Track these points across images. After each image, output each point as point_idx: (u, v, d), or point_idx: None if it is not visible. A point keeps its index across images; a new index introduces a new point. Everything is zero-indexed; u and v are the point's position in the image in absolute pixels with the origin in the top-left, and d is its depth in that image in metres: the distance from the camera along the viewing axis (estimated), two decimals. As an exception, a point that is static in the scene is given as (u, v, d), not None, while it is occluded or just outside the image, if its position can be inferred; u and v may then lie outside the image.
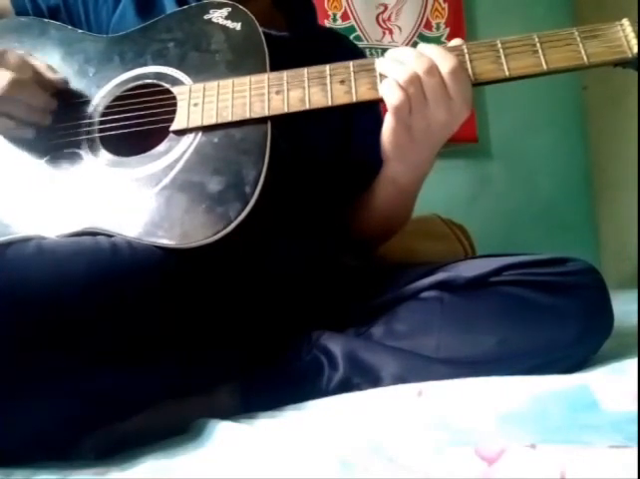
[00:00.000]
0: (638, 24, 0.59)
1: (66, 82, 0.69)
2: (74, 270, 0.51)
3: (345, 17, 1.86)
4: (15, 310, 0.47)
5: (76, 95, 0.69)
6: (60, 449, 0.52)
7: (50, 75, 0.67)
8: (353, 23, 1.86)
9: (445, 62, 0.58)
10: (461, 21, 1.96)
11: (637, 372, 0.51)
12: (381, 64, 0.61)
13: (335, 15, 1.85)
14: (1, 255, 0.50)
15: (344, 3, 1.85)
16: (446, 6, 1.94)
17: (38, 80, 0.65)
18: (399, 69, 0.58)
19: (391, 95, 0.58)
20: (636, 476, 0.32)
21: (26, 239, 0.53)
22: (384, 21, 1.90)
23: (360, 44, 1.72)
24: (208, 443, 0.48)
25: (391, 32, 1.90)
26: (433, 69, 0.58)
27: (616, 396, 0.44)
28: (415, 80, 0.57)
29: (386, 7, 1.90)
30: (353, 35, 1.82)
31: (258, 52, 0.66)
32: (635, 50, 0.58)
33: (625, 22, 0.59)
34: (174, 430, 0.55)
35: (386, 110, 0.61)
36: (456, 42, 0.62)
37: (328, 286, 0.75)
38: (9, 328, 0.46)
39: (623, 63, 0.60)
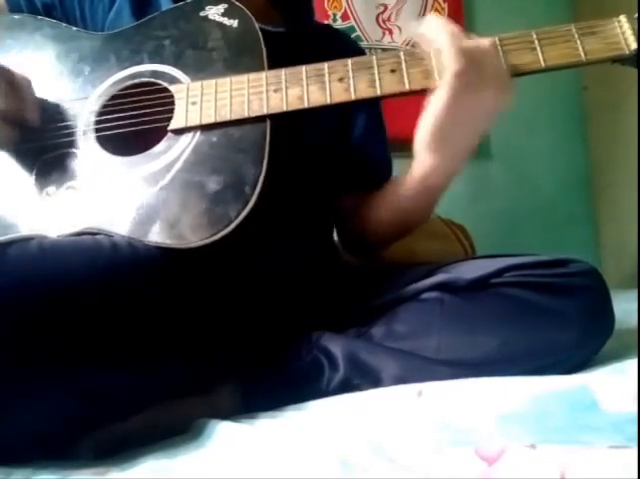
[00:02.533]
0: (638, 21, 0.59)
1: (38, 121, 0.66)
2: (75, 270, 0.51)
3: (345, 17, 1.86)
4: (16, 309, 0.47)
5: (72, 94, 0.69)
6: (60, 449, 0.52)
7: (26, 113, 0.65)
8: (353, 23, 1.86)
9: (485, 40, 0.59)
10: (461, 21, 1.96)
11: (637, 372, 0.51)
12: (440, 37, 0.59)
13: (335, 15, 1.85)
14: (2, 255, 0.50)
15: (344, 3, 1.85)
16: (446, 6, 1.94)
17: (4, 116, 0.63)
18: (461, 41, 0.58)
19: (456, 61, 0.57)
20: (636, 476, 0.32)
21: (27, 239, 0.53)
22: (384, 21, 1.90)
23: (360, 44, 1.73)
24: (208, 443, 0.48)
25: (391, 32, 1.90)
26: (491, 49, 0.58)
27: (616, 396, 0.44)
28: (476, 53, 0.57)
29: (386, 7, 1.90)
30: (353, 35, 1.82)
31: (256, 49, 0.66)
32: (633, 46, 0.58)
33: (622, 18, 0.59)
34: (174, 430, 0.55)
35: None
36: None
37: (328, 286, 0.75)
38: (9, 327, 0.46)
39: (621, 59, 0.60)
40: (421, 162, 0.65)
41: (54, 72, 0.71)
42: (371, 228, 0.79)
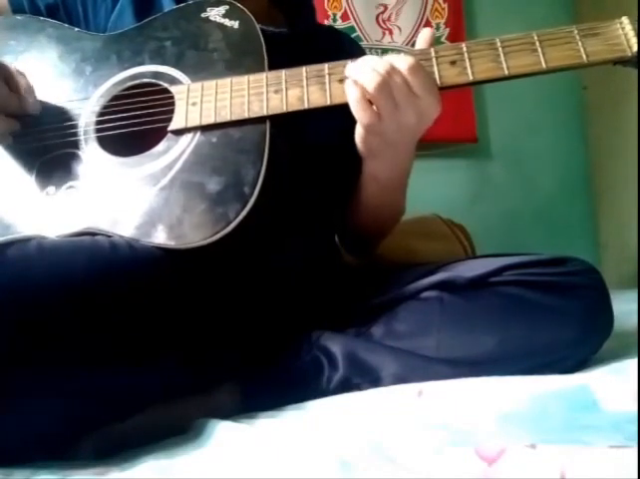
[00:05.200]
0: (638, 22, 0.59)
1: (38, 108, 0.67)
2: (74, 270, 0.51)
3: (345, 17, 1.86)
4: (15, 309, 0.47)
5: (73, 94, 0.69)
6: (60, 449, 0.52)
7: (26, 104, 0.65)
8: (353, 23, 1.86)
9: (402, 62, 0.58)
10: (460, 21, 1.96)
11: (637, 372, 0.51)
12: (350, 78, 0.60)
13: (335, 15, 1.85)
14: (2, 255, 0.50)
15: (344, 3, 1.85)
16: (446, 6, 1.94)
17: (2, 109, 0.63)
18: (368, 78, 0.58)
19: (363, 116, 0.59)
20: (636, 476, 0.32)
21: (26, 239, 0.53)
22: (384, 21, 1.90)
23: (360, 44, 1.73)
24: (208, 443, 0.48)
25: (391, 32, 1.90)
26: (394, 70, 0.58)
27: (616, 396, 0.44)
28: (385, 87, 0.57)
29: (386, 7, 1.90)
30: (353, 35, 1.82)
31: (256, 51, 0.66)
32: (634, 48, 0.58)
33: (625, 20, 0.59)
34: (174, 430, 0.55)
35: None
36: (426, 35, 0.63)
37: (328, 286, 0.75)
38: (9, 327, 0.46)
39: (623, 61, 0.60)
40: (367, 166, 0.68)
41: (56, 72, 0.71)
42: (353, 225, 0.80)
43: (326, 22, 1.79)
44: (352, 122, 0.61)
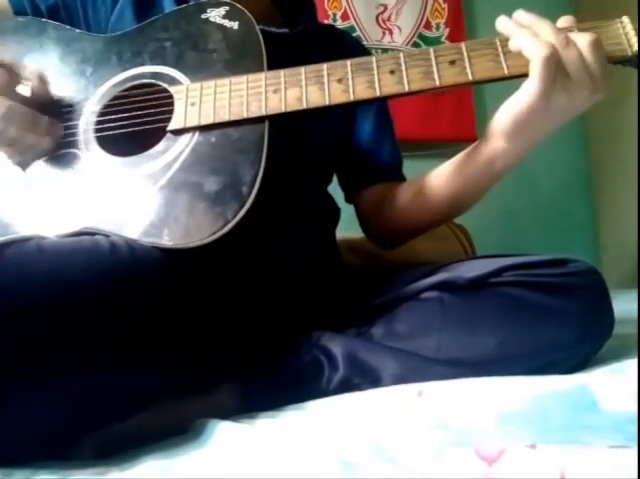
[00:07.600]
0: (638, 21, 0.59)
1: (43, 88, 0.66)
2: (73, 270, 0.51)
3: (345, 17, 1.86)
4: (14, 310, 0.47)
5: (74, 94, 0.69)
6: (60, 449, 0.52)
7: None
8: (353, 23, 1.86)
9: (581, 37, 0.57)
10: (461, 21, 1.96)
11: (637, 372, 0.51)
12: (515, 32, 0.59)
13: (335, 15, 1.85)
14: (1, 255, 0.50)
15: (344, 3, 1.86)
16: (446, 6, 1.94)
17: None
18: (535, 40, 0.57)
19: (538, 48, 0.56)
20: (636, 476, 0.32)
21: (26, 239, 0.53)
22: (384, 21, 1.90)
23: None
24: (208, 443, 0.48)
25: (391, 32, 1.90)
26: (570, 42, 0.57)
27: (616, 396, 0.44)
28: (555, 51, 0.56)
29: (386, 7, 1.90)
30: (353, 35, 1.82)
31: (256, 51, 0.66)
32: (635, 48, 0.58)
33: (625, 19, 0.59)
34: (174, 430, 0.55)
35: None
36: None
37: (328, 286, 0.75)
38: (9, 328, 0.46)
39: (622, 61, 0.59)
40: (492, 145, 0.65)
41: (57, 73, 0.71)
42: (404, 218, 0.78)
43: (326, 22, 1.79)
44: (346, 123, 0.61)
